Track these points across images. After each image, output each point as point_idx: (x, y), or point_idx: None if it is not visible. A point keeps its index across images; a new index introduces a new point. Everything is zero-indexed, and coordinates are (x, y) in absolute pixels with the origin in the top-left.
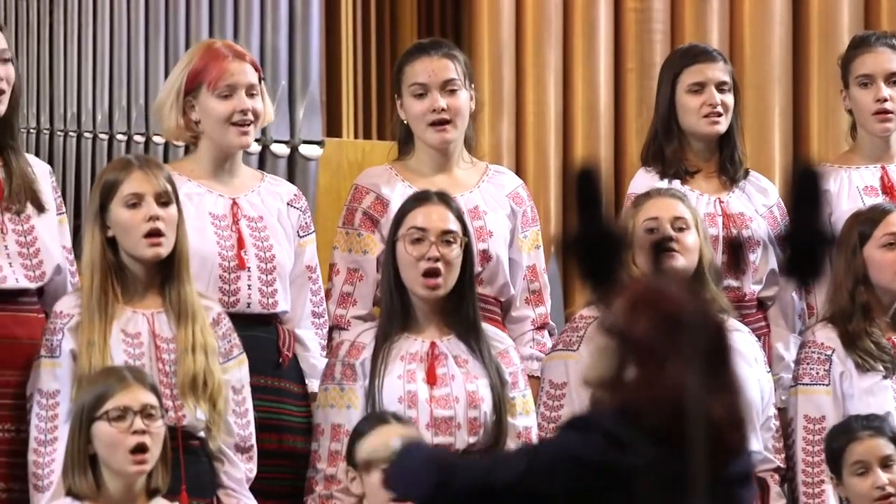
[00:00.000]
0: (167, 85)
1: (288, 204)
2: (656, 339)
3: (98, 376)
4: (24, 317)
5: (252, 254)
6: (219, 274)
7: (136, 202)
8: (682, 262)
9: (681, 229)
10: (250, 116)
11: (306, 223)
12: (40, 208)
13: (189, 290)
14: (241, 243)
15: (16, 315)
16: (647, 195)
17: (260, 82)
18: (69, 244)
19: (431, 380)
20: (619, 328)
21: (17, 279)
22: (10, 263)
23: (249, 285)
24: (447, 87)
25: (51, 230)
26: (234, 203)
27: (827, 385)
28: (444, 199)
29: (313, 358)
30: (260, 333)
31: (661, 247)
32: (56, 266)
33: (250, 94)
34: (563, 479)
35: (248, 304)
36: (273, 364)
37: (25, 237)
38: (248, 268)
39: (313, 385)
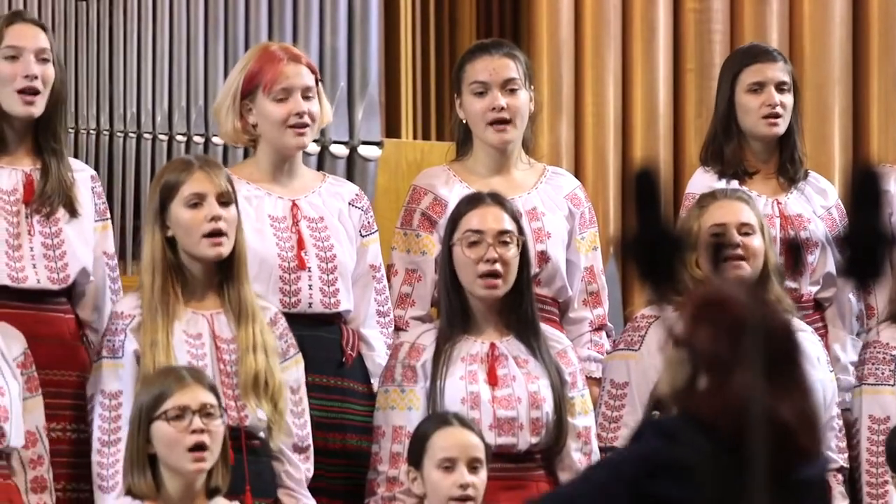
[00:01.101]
0: (224, 89)
1: (349, 203)
2: (722, 348)
3: (156, 376)
4: (46, 316)
5: (312, 254)
6: (279, 275)
7: (197, 202)
8: (747, 269)
9: (747, 234)
10: (307, 119)
11: (368, 222)
12: (73, 213)
13: (247, 290)
14: (300, 244)
15: (38, 314)
16: (714, 196)
17: (317, 84)
18: (111, 250)
19: (493, 381)
20: (685, 338)
21: (38, 280)
22: (33, 265)
23: (310, 286)
24: (507, 87)
25: (83, 235)
26: (294, 204)
27: (892, 385)
28: (497, 199)
29: (378, 357)
30: (323, 333)
31: (726, 254)
32: (82, 270)
33: (306, 97)
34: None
35: (310, 305)
36: (337, 363)
37: (52, 240)
38: (309, 268)
39: (378, 384)
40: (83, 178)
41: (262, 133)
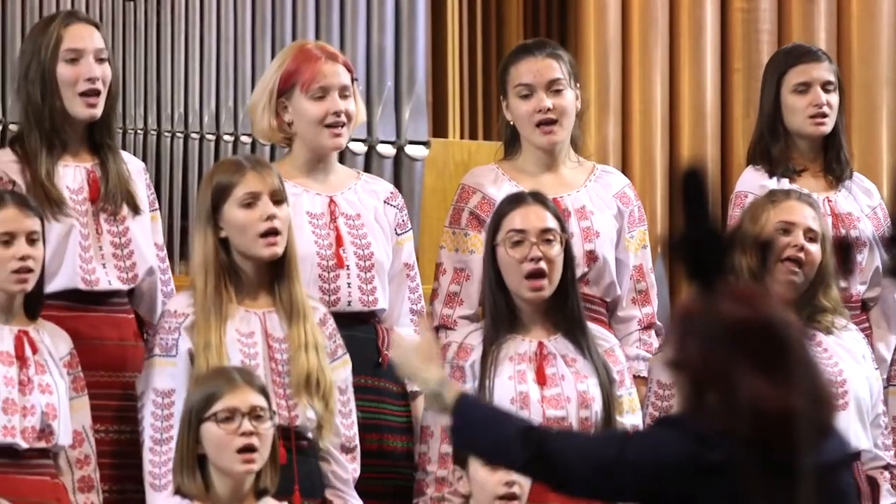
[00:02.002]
0: (260, 86)
1: (385, 202)
2: (712, 360)
3: (207, 377)
4: (115, 318)
5: (350, 251)
6: (318, 273)
7: (251, 202)
8: (801, 276)
9: (811, 240)
10: (343, 118)
11: (403, 221)
12: (135, 210)
13: (299, 289)
14: (339, 241)
15: (107, 316)
16: (787, 194)
17: (353, 83)
18: (161, 241)
19: (541, 380)
20: (677, 360)
21: (109, 281)
22: (103, 265)
23: (349, 283)
24: (552, 87)
25: (144, 231)
26: (332, 201)
27: None
28: (539, 198)
29: None
30: (359, 333)
31: (780, 255)
32: (148, 268)
33: (343, 96)
34: (647, 475)
35: (349, 303)
36: (373, 364)
37: (120, 238)
38: (347, 266)
39: (412, 385)
40: (136, 169)
41: (299, 131)
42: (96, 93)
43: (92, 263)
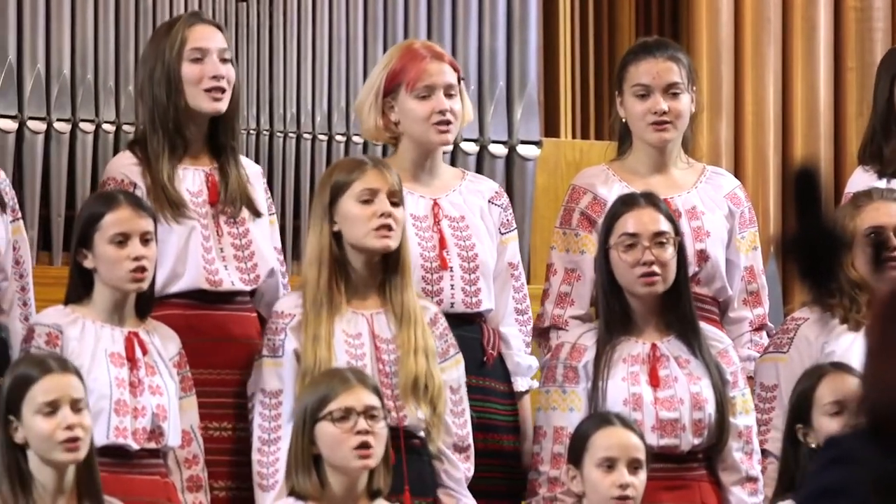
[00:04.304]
0: (366, 86)
1: (489, 201)
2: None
3: (321, 378)
4: (239, 316)
5: (454, 253)
6: (421, 275)
7: (369, 198)
8: None
9: None
10: (449, 116)
11: (508, 220)
12: (255, 213)
13: (411, 292)
14: (442, 243)
15: (231, 315)
16: (869, 196)
17: (459, 82)
18: (279, 244)
19: (655, 382)
20: (883, 346)
21: (232, 282)
22: (225, 266)
23: (452, 285)
24: (670, 90)
25: (264, 233)
26: (436, 203)
27: None
28: (651, 199)
29: (517, 356)
30: (464, 332)
31: (886, 255)
32: (270, 269)
33: (449, 95)
34: None
35: (452, 304)
36: (478, 363)
37: (240, 240)
38: (451, 268)
39: (518, 383)
40: (253, 173)
41: (405, 130)
42: (221, 90)
43: (215, 264)
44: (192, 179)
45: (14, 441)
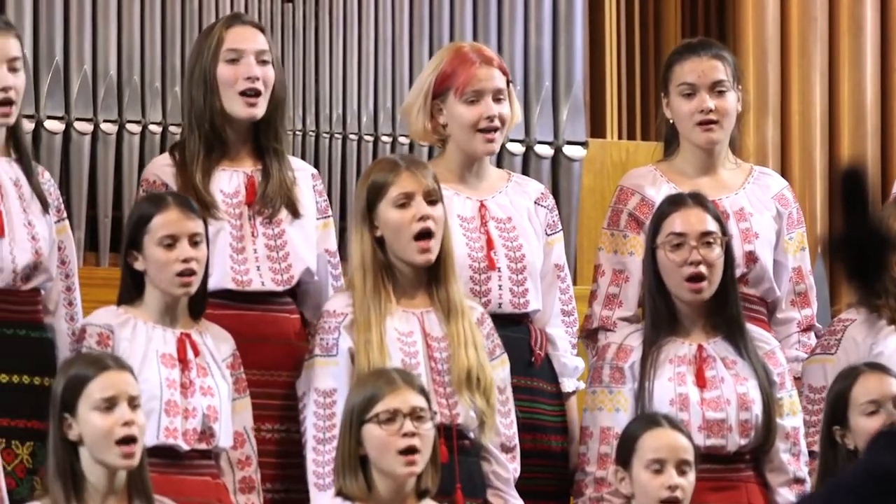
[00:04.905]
0: (415, 88)
1: (535, 202)
2: None
3: (368, 378)
4: (273, 316)
5: (501, 254)
6: (469, 276)
7: (405, 202)
8: None
9: None
10: (497, 122)
11: (553, 221)
12: (295, 213)
13: (456, 288)
14: (490, 244)
15: (264, 315)
16: None
17: (508, 86)
18: (333, 247)
19: (701, 382)
20: None
21: (262, 282)
22: (257, 267)
23: (500, 286)
24: (716, 89)
25: (305, 235)
26: (482, 205)
27: None
28: (699, 200)
29: (564, 357)
30: (512, 333)
31: None
32: (306, 270)
33: (497, 99)
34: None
35: (500, 305)
36: (526, 363)
37: (275, 241)
38: (498, 268)
39: (565, 384)
40: (304, 176)
41: (452, 135)
42: (256, 93)
43: (245, 265)
44: (228, 181)
45: (68, 439)
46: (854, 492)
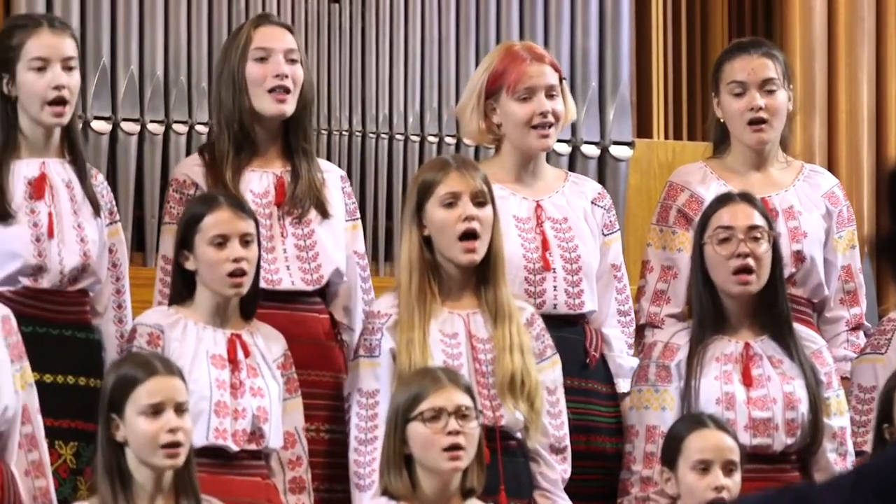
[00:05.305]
0: (468, 88)
1: (592, 202)
2: None
3: (412, 377)
4: (301, 316)
5: (557, 255)
6: (524, 276)
7: (452, 202)
8: None
9: None
10: (550, 118)
11: (611, 221)
12: (324, 214)
13: (505, 290)
14: (545, 245)
15: (292, 315)
16: None
17: (560, 82)
18: (361, 249)
19: (748, 381)
20: None
21: (292, 282)
22: (287, 266)
23: (555, 286)
24: (766, 87)
25: (335, 236)
26: (538, 205)
27: None
28: (747, 197)
29: (619, 357)
30: (567, 334)
31: None
32: (335, 270)
33: (550, 96)
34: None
35: (555, 306)
36: (580, 365)
37: (305, 241)
38: (553, 269)
39: (621, 385)
40: (333, 178)
41: (506, 133)
42: (285, 90)
43: (275, 264)
44: (258, 181)
45: (115, 440)
46: (883, 474)
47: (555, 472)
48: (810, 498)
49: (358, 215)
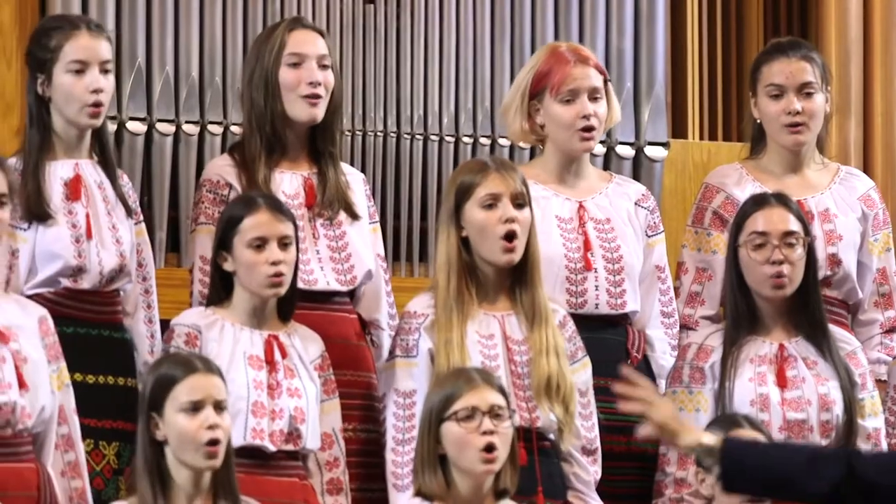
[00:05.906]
0: (513, 88)
1: (636, 204)
2: None
3: (447, 378)
4: (333, 316)
5: (599, 255)
6: (565, 276)
7: (492, 203)
8: None
9: None
10: (593, 121)
11: (654, 223)
12: (353, 216)
13: (540, 293)
14: (587, 245)
15: (326, 315)
16: None
17: (605, 84)
18: (382, 251)
19: (782, 382)
20: None
21: (328, 282)
22: (321, 267)
23: (597, 286)
24: (804, 90)
25: (363, 237)
26: (581, 206)
27: None
28: (782, 200)
29: (662, 359)
30: (608, 335)
31: None
32: (367, 271)
33: (594, 98)
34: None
35: (597, 306)
36: (621, 366)
37: (337, 242)
38: (595, 269)
39: (664, 386)
40: (355, 180)
41: (550, 134)
42: (317, 96)
43: (310, 265)
44: (289, 183)
45: (155, 439)
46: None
47: (588, 473)
48: None
49: (377, 218)
